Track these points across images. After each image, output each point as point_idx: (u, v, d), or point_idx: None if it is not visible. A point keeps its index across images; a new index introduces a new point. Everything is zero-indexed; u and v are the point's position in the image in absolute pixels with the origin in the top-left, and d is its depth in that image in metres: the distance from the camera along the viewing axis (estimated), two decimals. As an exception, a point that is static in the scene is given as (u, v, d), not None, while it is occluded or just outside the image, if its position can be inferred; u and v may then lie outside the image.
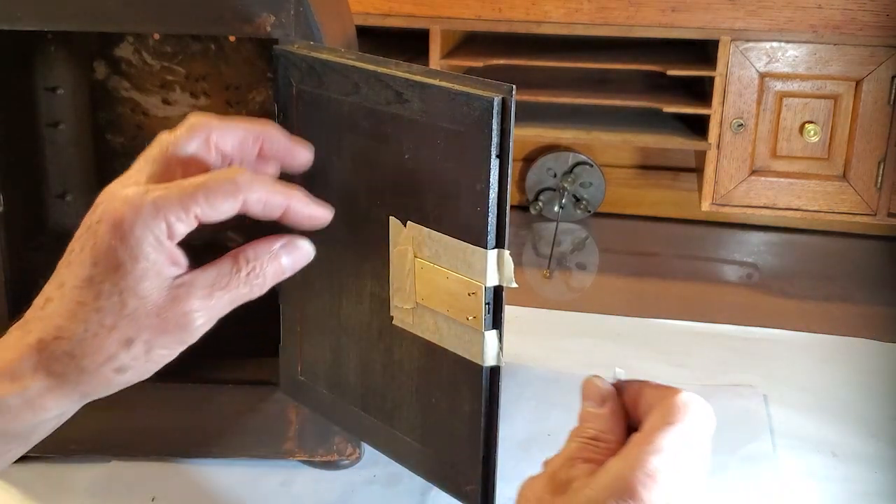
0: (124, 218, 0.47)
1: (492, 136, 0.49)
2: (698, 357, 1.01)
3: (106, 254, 0.47)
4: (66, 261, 0.50)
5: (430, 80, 0.53)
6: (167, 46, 0.83)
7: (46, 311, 0.49)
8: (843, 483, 0.80)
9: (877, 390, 0.94)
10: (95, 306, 0.47)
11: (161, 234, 0.47)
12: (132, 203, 0.47)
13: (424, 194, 0.55)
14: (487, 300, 0.52)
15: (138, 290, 0.47)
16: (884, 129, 1.09)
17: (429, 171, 0.54)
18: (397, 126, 0.55)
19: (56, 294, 0.49)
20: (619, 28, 1.13)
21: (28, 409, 0.49)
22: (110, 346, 0.48)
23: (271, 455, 0.78)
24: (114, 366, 0.49)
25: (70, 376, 0.48)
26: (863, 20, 1.07)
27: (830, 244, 1.31)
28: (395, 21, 1.17)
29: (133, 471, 0.79)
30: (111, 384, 0.50)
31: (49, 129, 0.82)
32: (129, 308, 0.47)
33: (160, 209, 0.47)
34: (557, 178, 1.36)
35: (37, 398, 0.48)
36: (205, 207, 0.48)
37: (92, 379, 0.49)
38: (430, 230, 0.55)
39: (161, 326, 0.49)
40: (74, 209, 0.85)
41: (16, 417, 0.48)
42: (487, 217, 0.51)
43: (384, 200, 0.57)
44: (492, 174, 0.50)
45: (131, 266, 0.47)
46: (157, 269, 0.48)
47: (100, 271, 0.47)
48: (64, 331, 0.48)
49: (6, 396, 0.48)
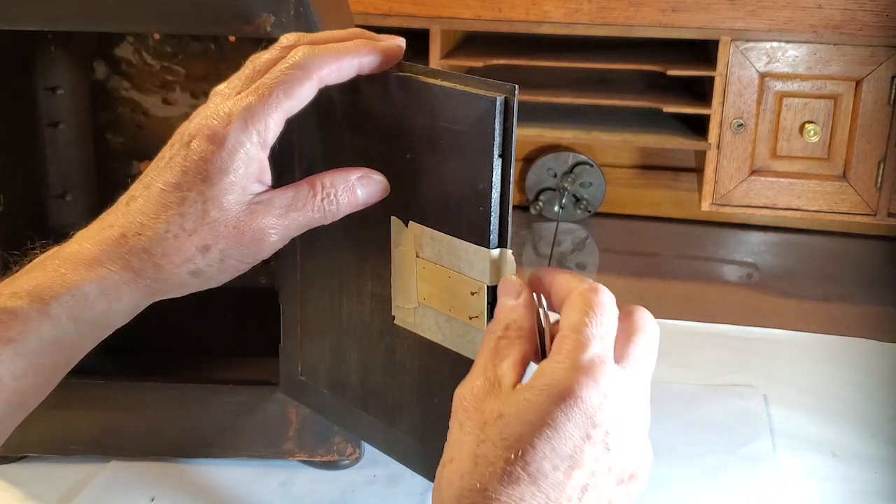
0: (217, 132, 0.49)
1: (494, 135, 0.49)
2: (698, 357, 1.01)
3: (196, 164, 0.49)
4: (155, 165, 0.52)
5: (431, 79, 0.53)
6: (167, 46, 0.83)
7: (131, 208, 0.51)
8: (843, 483, 0.80)
9: (877, 390, 0.94)
10: (179, 210, 0.50)
11: (253, 145, 0.50)
12: (224, 117, 0.50)
13: (426, 194, 0.55)
14: (490, 300, 0.52)
15: (222, 201, 0.50)
16: (884, 129, 1.09)
17: (431, 171, 0.54)
18: (399, 126, 0.55)
19: (142, 194, 0.51)
20: (619, 28, 1.13)
21: (104, 298, 0.51)
22: (188, 249, 0.50)
23: (271, 455, 0.78)
24: (189, 268, 0.51)
25: (146, 272, 0.51)
26: (863, 20, 1.07)
27: (830, 244, 1.31)
28: (395, 21, 1.17)
29: (133, 471, 0.79)
30: (185, 286, 0.52)
31: (49, 129, 0.82)
32: (210, 217, 0.50)
33: (248, 120, 0.49)
34: (557, 178, 1.36)
35: (112, 288, 0.51)
36: (288, 103, 0.50)
37: (167, 277, 0.51)
38: (431, 230, 0.55)
39: (237, 238, 0.51)
40: (74, 209, 0.85)
41: (92, 306, 0.50)
42: (490, 217, 0.51)
43: (385, 200, 0.57)
44: (494, 174, 0.50)
45: (218, 178, 0.49)
46: (242, 185, 0.50)
47: (188, 179, 0.50)
48: (146, 228, 0.50)
49: (84, 284, 0.50)
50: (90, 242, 0.51)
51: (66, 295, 0.50)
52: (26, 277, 0.51)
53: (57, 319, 0.50)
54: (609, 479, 0.45)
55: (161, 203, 0.50)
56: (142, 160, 0.86)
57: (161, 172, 0.51)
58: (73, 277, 0.50)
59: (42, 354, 0.50)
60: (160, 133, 0.85)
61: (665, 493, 0.79)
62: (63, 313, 0.50)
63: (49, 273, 0.50)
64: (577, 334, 0.46)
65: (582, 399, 0.43)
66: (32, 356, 0.50)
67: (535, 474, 0.42)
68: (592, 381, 0.43)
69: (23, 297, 0.49)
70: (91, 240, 0.51)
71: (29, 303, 0.49)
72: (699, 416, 0.89)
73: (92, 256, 0.51)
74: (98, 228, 0.52)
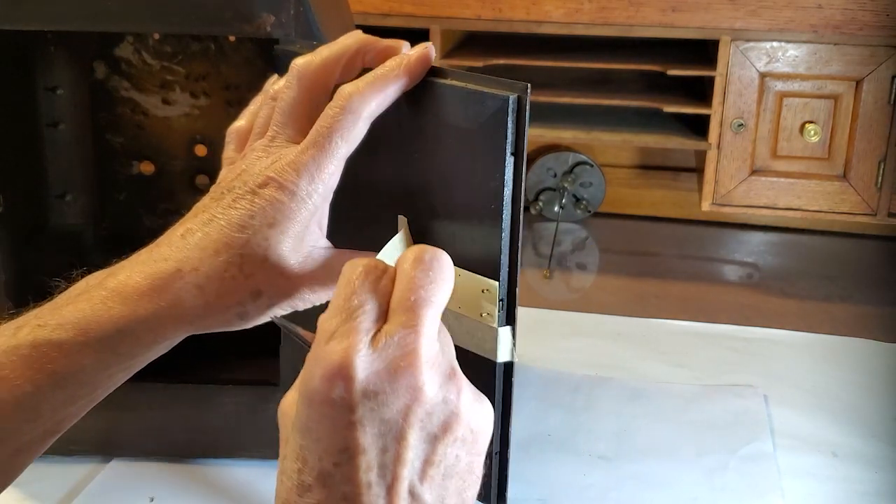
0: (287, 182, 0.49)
1: (507, 134, 0.50)
2: (698, 357, 1.01)
3: (264, 210, 0.49)
4: (215, 203, 0.50)
5: (440, 78, 0.53)
6: (167, 46, 0.83)
7: (188, 242, 0.50)
8: (843, 483, 0.80)
9: (877, 390, 0.94)
10: (241, 251, 0.49)
11: (319, 195, 0.49)
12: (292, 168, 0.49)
13: (434, 192, 0.55)
14: (501, 297, 0.53)
15: (282, 248, 0.49)
16: (884, 128, 1.09)
17: (439, 170, 0.54)
18: (406, 125, 0.55)
19: (202, 229, 0.50)
20: (619, 28, 1.13)
21: (149, 334, 0.50)
22: (241, 292, 0.49)
23: (271, 455, 0.78)
24: (237, 311, 0.50)
25: (196, 309, 0.49)
26: (863, 20, 1.07)
27: (830, 244, 1.31)
28: (395, 21, 1.17)
29: (133, 471, 0.79)
30: (228, 325, 0.51)
31: (49, 129, 0.82)
32: (269, 262, 0.49)
33: (314, 172, 0.49)
34: (557, 178, 1.36)
35: (158, 324, 0.49)
36: (346, 148, 0.50)
37: (214, 316, 0.50)
38: (440, 230, 0.55)
39: (286, 288, 0.50)
40: (74, 209, 0.85)
41: (136, 340, 0.50)
42: (502, 214, 0.51)
43: (392, 199, 0.57)
44: (507, 172, 0.51)
45: (285, 226, 0.49)
46: (305, 234, 0.50)
47: (255, 223, 0.49)
48: (204, 264, 0.49)
49: (131, 319, 0.49)
50: (141, 275, 0.50)
51: (112, 329, 0.49)
52: (72, 308, 0.49)
53: (100, 353, 0.49)
54: (411, 445, 0.41)
55: (223, 241, 0.49)
56: (142, 160, 0.86)
57: (226, 210, 0.50)
58: (121, 311, 0.49)
59: (82, 386, 0.50)
60: (160, 133, 0.85)
61: (665, 493, 0.79)
62: (107, 347, 0.49)
63: (96, 305, 0.49)
64: (323, 321, 0.42)
65: (319, 392, 0.40)
66: (73, 388, 0.49)
67: (320, 477, 0.41)
68: (328, 381, 0.40)
69: (68, 330, 0.48)
70: (142, 272, 0.50)
71: (74, 335, 0.48)
72: (699, 416, 0.89)
73: (142, 290, 0.49)
74: (150, 260, 0.50)
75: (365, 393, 0.40)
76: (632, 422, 0.88)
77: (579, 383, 0.94)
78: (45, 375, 0.48)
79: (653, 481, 0.80)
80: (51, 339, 0.48)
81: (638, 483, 0.80)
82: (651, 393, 0.93)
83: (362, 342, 0.41)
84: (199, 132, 0.85)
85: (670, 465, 0.82)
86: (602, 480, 0.79)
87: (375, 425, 0.41)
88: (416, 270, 0.43)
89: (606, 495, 0.78)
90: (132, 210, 0.87)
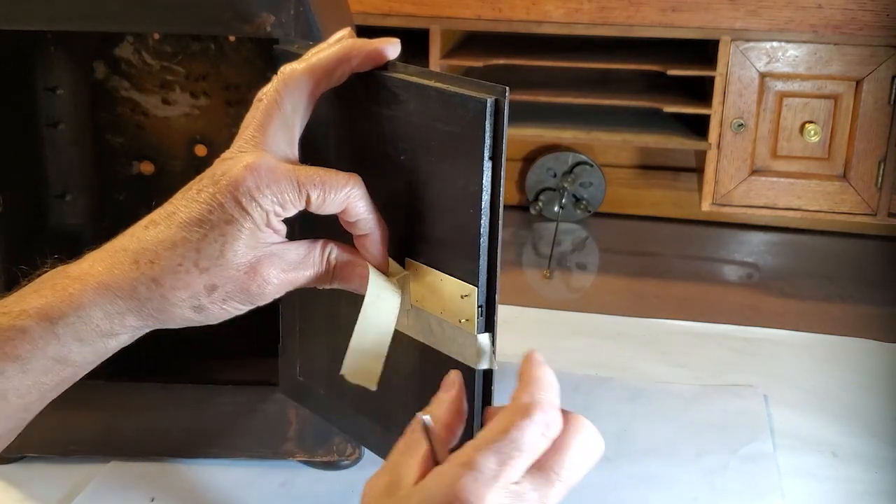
0: (245, 182, 0.50)
1: (485, 137, 0.49)
2: (698, 357, 1.01)
3: (222, 206, 0.51)
4: (182, 195, 0.53)
5: (425, 80, 0.53)
6: (167, 46, 0.83)
7: (148, 234, 0.52)
8: (843, 483, 0.80)
9: (877, 390, 0.94)
10: (197, 246, 0.51)
11: (273, 206, 0.51)
12: (254, 171, 0.51)
13: (420, 195, 0.55)
14: (480, 303, 0.52)
15: (237, 245, 0.51)
16: (884, 128, 1.09)
17: (424, 173, 0.54)
18: (394, 127, 0.55)
19: (164, 222, 0.52)
20: (619, 28, 1.13)
21: (108, 322, 0.51)
22: (196, 285, 0.51)
23: (271, 455, 0.78)
24: (192, 304, 0.52)
25: (152, 301, 0.51)
26: (863, 20, 1.07)
27: (830, 244, 1.31)
28: (395, 21, 1.17)
29: (133, 471, 0.79)
30: (185, 320, 0.53)
31: (49, 129, 0.82)
32: (224, 258, 0.51)
33: (280, 186, 0.51)
34: (557, 178, 1.36)
35: (116, 313, 0.51)
36: (316, 197, 0.52)
37: (170, 309, 0.52)
38: (424, 233, 0.55)
39: (244, 283, 0.52)
40: (74, 209, 0.85)
41: (96, 328, 0.51)
42: (480, 219, 0.51)
43: (381, 201, 0.57)
44: (484, 176, 0.50)
45: (239, 224, 0.51)
46: (259, 234, 0.52)
47: (213, 218, 0.51)
48: (161, 258, 0.51)
49: (91, 306, 0.51)
50: (102, 265, 0.52)
51: (73, 315, 0.50)
52: (35, 296, 0.51)
53: (63, 339, 0.50)
54: None
55: (181, 236, 0.51)
56: (142, 160, 0.86)
57: (187, 204, 0.52)
58: (81, 298, 0.51)
59: (46, 373, 0.51)
60: (160, 133, 0.85)
61: (665, 493, 0.79)
62: (69, 333, 0.50)
63: (58, 292, 0.51)
64: (474, 451, 0.44)
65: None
66: (37, 374, 0.50)
67: None
68: (472, 496, 0.42)
69: (31, 316, 0.50)
70: (103, 262, 0.52)
71: (37, 321, 0.50)
72: (699, 416, 0.89)
73: (101, 279, 0.51)
74: (111, 251, 0.53)
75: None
76: (632, 422, 0.88)
77: (579, 383, 0.94)
78: (9, 361, 0.49)
79: (653, 481, 0.80)
80: (14, 325, 0.50)
81: (638, 483, 0.80)
82: (651, 393, 0.93)
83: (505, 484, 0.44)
84: (199, 132, 0.85)
85: (670, 465, 0.82)
86: (602, 480, 0.79)
87: None
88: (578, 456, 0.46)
89: (606, 495, 0.78)
90: (132, 210, 0.86)
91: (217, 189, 0.51)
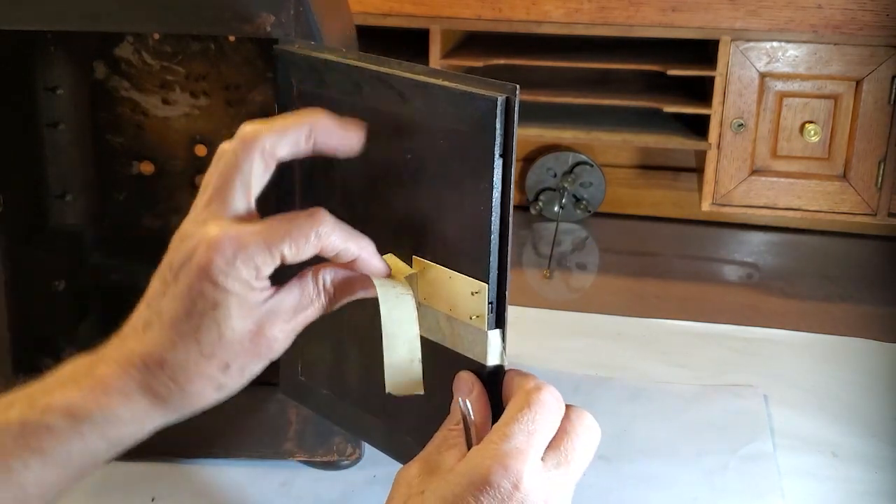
0: (213, 264, 0.50)
1: (495, 135, 0.49)
2: (698, 357, 1.01)
3: (201, 294, 0.50)
4: (160, 290, 0.52)
5: (432, 79, 0.53)
6: (167, 46, 0.83)
7: (148, 336, 0.52)
8: (843, 483, 0.80)
9: (877, 390, 0.94)
10: (195, 338, 0.51)
11: (250, 276, 0.50)
12: (219, 248, 0.50)
13: (426, 193, 0.55)
14: (491, 299, 0.52)
15: (232, 323, 0.51)
16: (884, 128, 1.09)
17: (431, 171, 0.54)
18: (399, 126, 0.55)
19: (156, 321, 0.52)
20: (619, 28, 1.13)
21: (135, 423, 0.52)
22: (210, 370, 0.52)
23: (271, 455, 0.78)
24: (213, 385, 0.53)
25: (173, 397, 0.52)
26: (863, 20, 1.07)
27: (830, 244, 1.31)
28: (395, 21, 1.17)
29: (133, 471, 0.79)
30: (210, 401, 0.54)
31: (49, 129, 0.82)
32: (225, 338, 0.51)
33: (249, 255, 0.50)
34: (557, 178, 1.36)
35: (142, 413, 0.52)
36: (289, 251, 0.51)
37: (192, 398, 0.53)
38: (432, 231, 0.55)
39: (253, 351, 0.52)
40: (74, 209, 0.85)
41: (123, 427, 0.52)
42: (491, 216, 0.51)
43: (385, 200, 0.57)
44: (495, 174, 0.50)
45: (226, 303, 0.50)
46: (248, 302, 0.51)
47: (198, 309, 0.50)
48: (167, 361, 0.51)
49: (117, 408, 0.51)
50: (119, 369, 0.52)
51: (99, 417, 0.51)
52: (61, 393, 0.51)
53: (88, 437, 0.51)
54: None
55: (176, 334, 0.51)
56: (142, 160, 0.86)
57: (168, 301, 0.51)
58: (106, 401, 0.51)
59: (68, 466, 0.51)
60: (160, 133, 0.85)
61: (665, 493, 0.79)
62: (93, 432, 0.51)
63: (84, 392, 0.51)
64: (505, 427, 0.49)
65: (493, 486, 0.46)
66: (59, 467, 0.51)
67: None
68: (505, 470, 0.46)
69: (57, 414, 0.51)
70: (119, 366, 0.52)
71: (62, 418, 0.51)
72: (699, 416, 0.89)
73: (122, 384, 0.52)
74: (122, 352, 0.52)
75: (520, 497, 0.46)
76: (632, 422, 0.88)
77: (579, 383, 0.94)
78: (33, 454, 0.50)
79: (653, 481, 0.80)
80: (40, 420, 0.50)
81: (638, 483, 0.80)
82: (651, 393, 0.93)
83: (536, 458, 0.49)
84: (199, 132, 0.85)
85: (670, 465, 0.82)
86: (602, 480, 0.79)
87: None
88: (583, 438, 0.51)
89: (606, 495, 0.78)
90: (132, 210, 0.87)
91: (191, 279, 0.50)
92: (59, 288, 0.82)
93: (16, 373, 0.77)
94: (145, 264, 0.86)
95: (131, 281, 0.84)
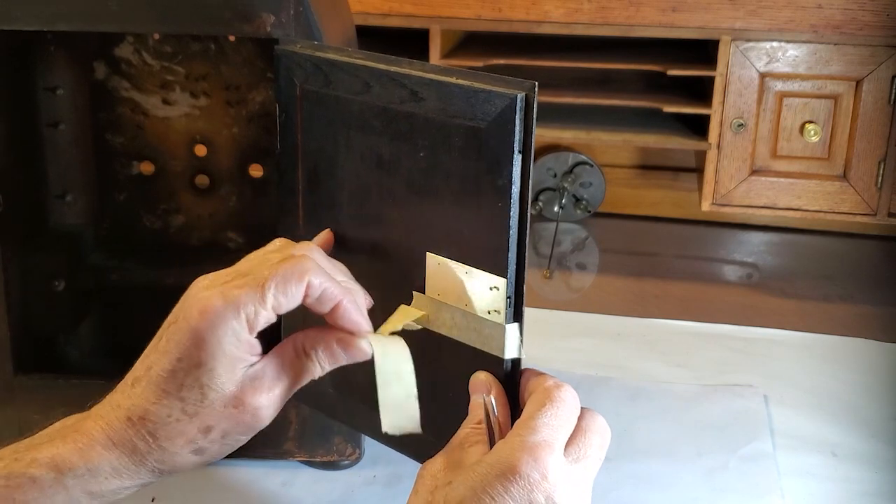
0: (200, 325, 0.51)
1: (515, 132, 0.50)
2: (698, 357, 1.01)
3: (188, 353, 0.51)
4: (154, 346, 0.54)
5: (447, 77, 0.53)
6: (167, 46, 0.83)
7: (135, 391, 0.53)
8: (843, 483, 0.80)
9: (877, 390, 0.94)
10: (179, 396, 0.52)
11: (241, 329, 0.51)
12: (209, 308, 0.51)
13: (440, 190, 0.55)
14: (509, 294, 0.53)
15: (217, 384, 0.52)
16: (884, 128, 1.09)
17: (445, 168, 0.54)
18: (411, 124, 0.55)
19: (144, 377, 0.53)
20: (619, 28, 1.13)
21: (115, 477, 0.53)
22: (190, 431, 0.52)
23: (271, 455, 0.78)
24: (192, 448, 0.53)
25: (152, 454, 0.53)
26: (863, 20, 1.07)
27: (830, 244, 1.31)
28: (394, 21, 1.17)
29: (133, 471, 0.79)
30: (188, 464, 0.54)
31: (49, 129, 0.82)
32: (208, 399, 0.52)
33: (239, 307, 0.51)
34: (557, 178, 1.36)
35: (123, 468, 0.53)
36: (279, 298, 0.52)
37: (171, 458, 0.53)
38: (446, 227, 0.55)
39: (237, 417, 0.53)
40: (74, 209, 0.85)
41: (105, 482, 0.53)
42: (510, 212, 0.52)
43: (397, 198, 0.57)
44: (514, 170, 0.51)
45: (212, 364, 0.51)
46: (234, 364, 0.52)
47: (183, 367, 0.51)
48: (150, 414, 0.52)
49: (99, 462, 0.52)
50: (103, 422, 0.53)
51: (83, 469, 0.52)
52: (48, 445, 0.52)
53: (71, 490, 0.52)
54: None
55: (161, 389, 0.52)
56: (142, 160, 0.86)
57: (159, 356, 0.52)
58: (90, 454, 0.52)
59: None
60: (160, 133, 0.85)
61: (665, 493, 0.79)
62: (77, 485, 0.52)
63: (69, 446, 0.52)
64: (530, 420, 0.51)
65: (523, 476, 0.47)
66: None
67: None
68: (534, 461, 0.48)
69: (42, 466, 0.52)
70: (103, 419, 0.53)
71: (47, 471, 0.51)
72: (699, 416, 0.89)
73: (105, 437, 0.53)
74: (109, 408, 0.54)
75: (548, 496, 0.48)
76: (632, 422, 0.88)
77: (579, 383, 0.94)
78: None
79: (653, 481, 0.80)
80: (25, 472, 0.51)
81: (638, 483, 0.80)
82: (651, 393, 0.93)
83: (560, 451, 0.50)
84: (199, 132, 0.85)
85: (670, 465, 0.82)
86: (602, 480, 0.79)
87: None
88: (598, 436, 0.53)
89: (606, 495, 0.78)
90: (132, 210, 0.87)
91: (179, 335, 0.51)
92: (59, 288, 0.82)
93: (16, 373, 0.77)
94: (145, 264, 0.87)
95: (131, 281, 0.84)
